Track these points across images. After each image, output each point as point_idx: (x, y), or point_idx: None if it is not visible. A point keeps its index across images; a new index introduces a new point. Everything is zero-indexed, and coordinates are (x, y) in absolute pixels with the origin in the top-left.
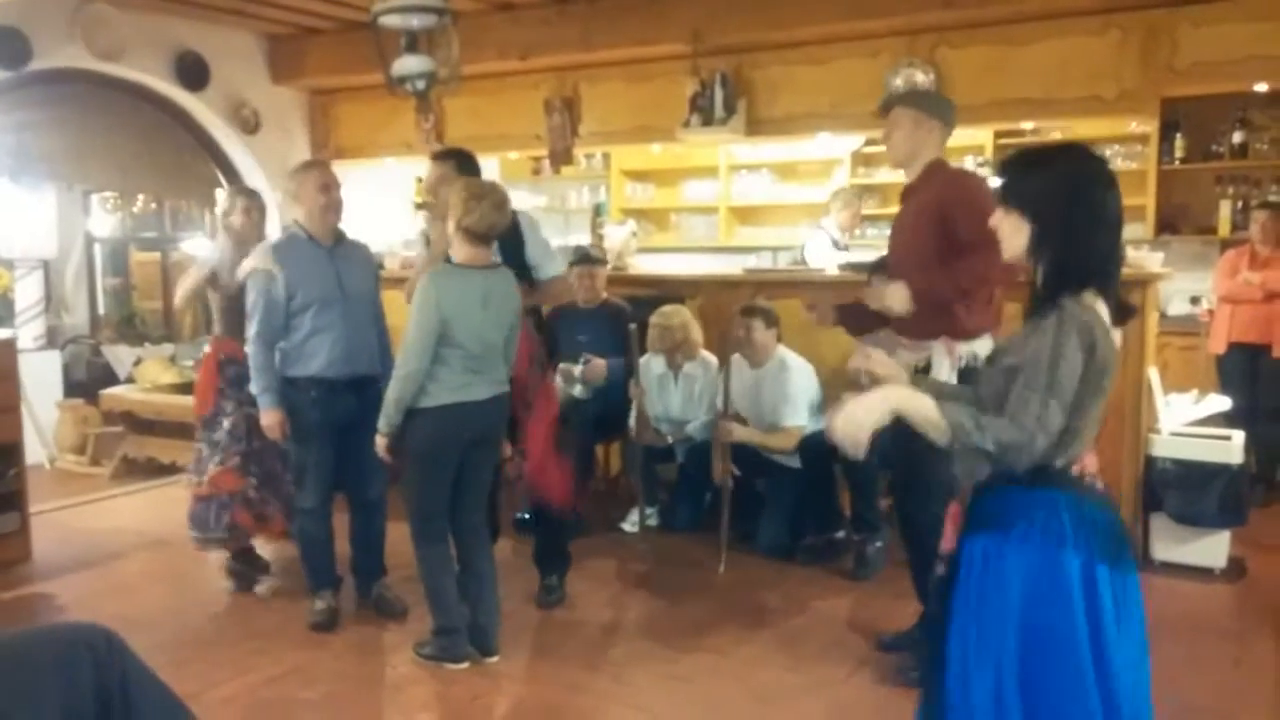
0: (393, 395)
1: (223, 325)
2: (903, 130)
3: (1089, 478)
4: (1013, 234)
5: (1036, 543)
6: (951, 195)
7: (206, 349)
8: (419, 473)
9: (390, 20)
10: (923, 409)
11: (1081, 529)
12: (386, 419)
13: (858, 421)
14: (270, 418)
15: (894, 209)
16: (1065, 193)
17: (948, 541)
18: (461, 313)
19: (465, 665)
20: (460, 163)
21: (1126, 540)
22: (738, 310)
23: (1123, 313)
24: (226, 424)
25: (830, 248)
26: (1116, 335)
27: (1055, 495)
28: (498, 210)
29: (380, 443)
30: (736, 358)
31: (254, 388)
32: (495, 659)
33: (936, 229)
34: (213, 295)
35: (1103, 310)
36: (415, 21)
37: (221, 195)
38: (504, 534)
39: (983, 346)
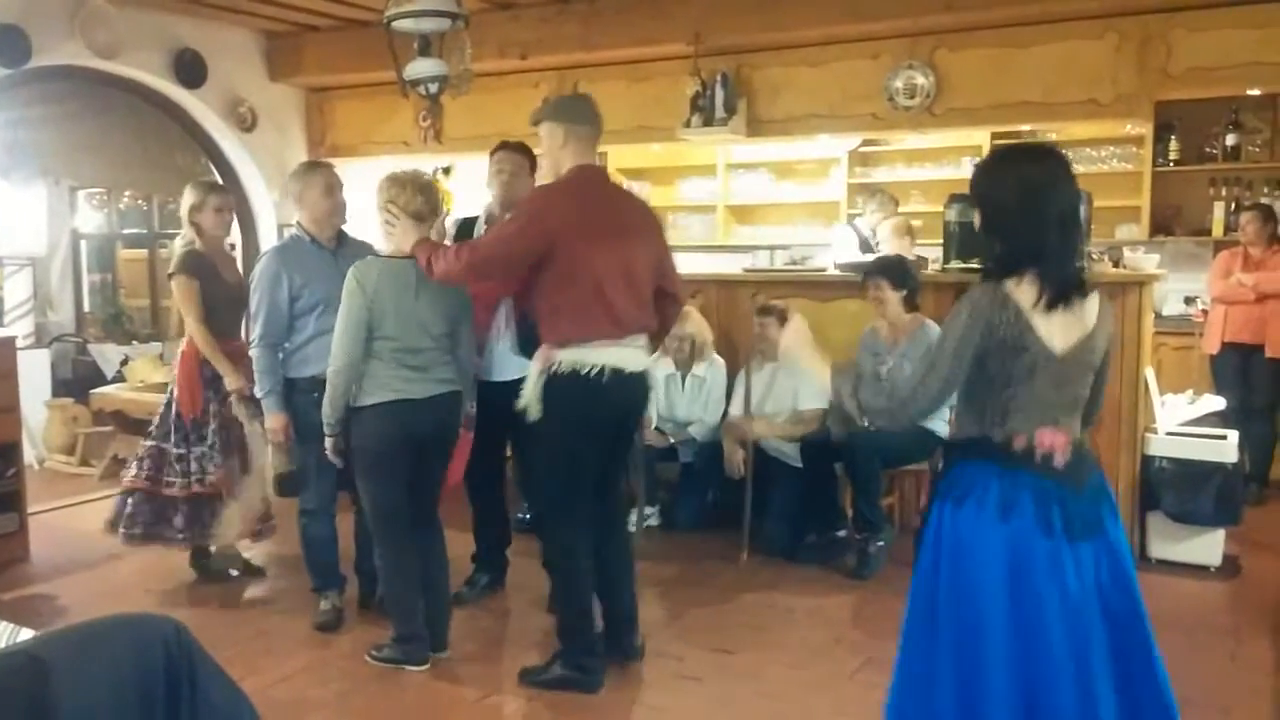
0: (327, 395)
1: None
2: (542, 146)
3: (1043, 453)
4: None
5: (972, 510)
6: None
7: (183, 347)
8: (369, 473)
9: (403, 25)
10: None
11: (1015, 500)
12: (326, 420)
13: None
14: (276, 421)
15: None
16: (1006, 188)
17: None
18: (389, 302)
19: (426, 668)
20: (530, 156)
21: (1078, 512)
22: (754, 310)
23: (1059, 299)
24: (214, 425)
25: (858, 247)
26: (1066, 320)
27: (990, 467)
28: (423, 194)
29: (327, 444)
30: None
31: (258, 391)
32: (446, 654)
33: None
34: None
35: (1025, 295)
36: (427, 25)
37: (190, 190)
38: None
39: (574, 355)
